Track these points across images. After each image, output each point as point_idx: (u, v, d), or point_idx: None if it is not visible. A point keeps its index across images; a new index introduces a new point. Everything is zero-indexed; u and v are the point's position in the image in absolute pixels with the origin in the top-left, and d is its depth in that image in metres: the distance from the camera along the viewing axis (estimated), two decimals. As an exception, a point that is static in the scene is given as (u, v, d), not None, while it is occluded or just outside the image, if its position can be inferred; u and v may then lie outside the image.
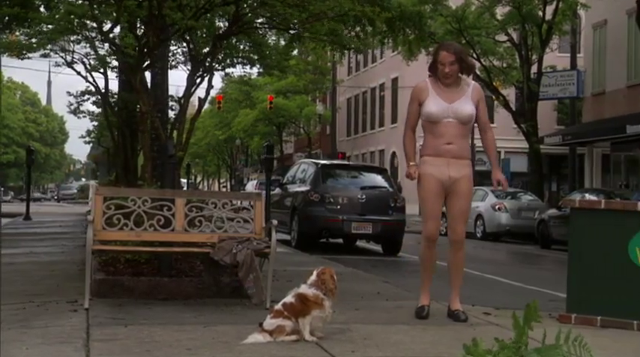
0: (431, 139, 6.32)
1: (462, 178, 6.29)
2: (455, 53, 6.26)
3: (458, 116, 6.21)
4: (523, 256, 18.56)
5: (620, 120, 27.46)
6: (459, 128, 6.24)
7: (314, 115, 49.64)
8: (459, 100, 6.24)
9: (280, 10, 7.66)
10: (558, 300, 9.45)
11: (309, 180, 15.26)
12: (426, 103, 6.29)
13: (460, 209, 6.36)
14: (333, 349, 5.09)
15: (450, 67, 6.20)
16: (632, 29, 27.91)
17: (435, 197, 6.31)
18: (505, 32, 28.31)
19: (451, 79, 6.25)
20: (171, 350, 4.99)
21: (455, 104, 6.23)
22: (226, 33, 8.17)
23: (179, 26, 7.42)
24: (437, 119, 6.23)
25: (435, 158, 6.28)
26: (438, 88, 6.30)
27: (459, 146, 6.26)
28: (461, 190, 6.31)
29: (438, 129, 6.24)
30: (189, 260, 7.99)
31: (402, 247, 15.08)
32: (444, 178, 6.27)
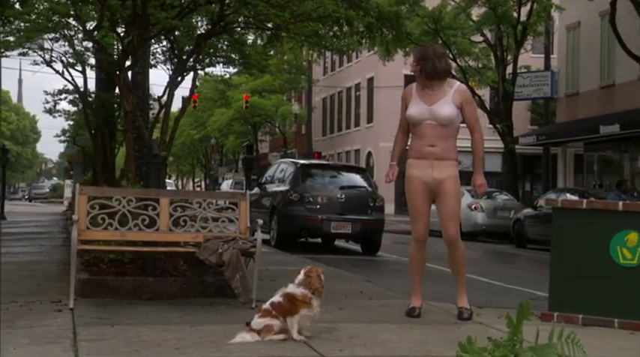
0: (414, 141, 6.43)
1: (446, 178, 6.35)
2: (417, 54, 6.50)
3: (436, 118, 6.29)
4: (499, 255, 18.71)
5: (593, 120, 27.77)
6: (439, 130, 6.31)
7: (290, 115, 49.66)
8: (439, 102, 6.32)
9: (264, 10, 7.68)
10: (537, 298, 9.55)
11: (288, 180, 15.28)
12: (409, 106, 6.42)
13: (448, 209, 6.42)
14: (321, 348, 5.12)
15: (414, 67, 6.43)
16: (605, 31, 28.23)
17: (421, 199, 6.40)
18: (481, 33, 28.51)
19: (419, 79, 6.40)
20: (160, 350, 5.00)
21: (434, 106, 6.31)
22: (210, 32, 8.17)
23: (163, 26, 7.41)
24: (417, 122, 6.34)
25: (418, 160, 6.38)
26: (421, 91, 6.40)
27: (441, 148, 6.32)
28: (447, 190, 6.38)
29: (420, 131, 6.35)
30: (173, 260, 7.99)
31: (380, 246, 15.15)
32: (428, 179, 6.35)
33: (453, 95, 6.37)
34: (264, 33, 10.91)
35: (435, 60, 6.37)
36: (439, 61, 6.40)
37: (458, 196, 6.54)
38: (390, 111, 44.51)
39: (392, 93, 43.81)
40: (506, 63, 28.14)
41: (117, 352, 4.93)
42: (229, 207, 6.99)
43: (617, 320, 6.27)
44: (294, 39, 9.65)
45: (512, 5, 27.30)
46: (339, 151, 51.52)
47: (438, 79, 6.38)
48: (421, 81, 6.40)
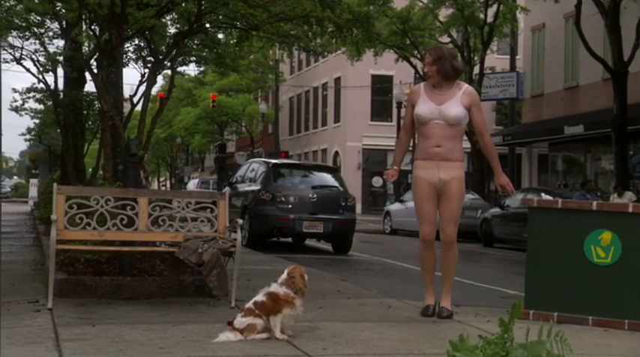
0: (422, 142, 6.47)
1: (452, 180, 6.41)
2: (433, 54, 6.46)
3: (445, 118, 6.34)
4: (468, 254, 18.85)
5: (558, 121, 28.17)
6: (447, 130, 6.35)
7: (257, 114, 49.60)
8: (448, 102, 6.37)
9: (242, 9, 7.69)
10: (509, 297, 9.72)
11: (259, 179, 15.28)
12: (417, 105, 6.45)
13: (450, 211, 6.47)
14: (305, 346, 5.16)
15: (429, 67, 6.39)
16: (569, 33, 28.64)
17: (428, 200, 6.45)
18: (448, 34, 28.76)
19: (432, 79, 6.41)
20: (144, 349, 5.00)
21: (443, 106, 6.36)
22: (187, 32, 8.17)
23: (142, 25, 7.39)
24: (425, 121, 6.37)
25: (425, 161, 6.43)
26: (429, 91, 6.45)
27: (448, 148, 6.37)
28: (451, 192, 6.43)
29: (427, 131, 6.38)
30: (150, 259, 7.97)
31: (351, 245, 15.24)
32: (434, 180, 6.41)
33: (462, 97, 6.41)
34: (234, 32, 10.91)
35: (451, 59, 6.45)
36: (456, 61, 6.51)
37: (461, 198, 6.57)
38: (357, 111, 44.76)
39: (359, 93, 44.06)
40: (473, 64, 28.42)
41: (101, 351, 4.92)
42: (207, 206, 6.99)
43: (592, 318, 6.40)
44: (271, 39, 9.67)
45: (479, 7, 27.59)
46: (306, 150, 51.57)
47: (453, 79, 6.44)
48: (434, 81, 6.42)
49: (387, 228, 26.25)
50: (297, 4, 7.87)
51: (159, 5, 7.62)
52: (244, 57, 15.38)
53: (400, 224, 25.64)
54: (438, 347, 5.30)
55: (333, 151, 47.16)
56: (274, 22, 8.32)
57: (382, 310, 6.89)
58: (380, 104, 45.57)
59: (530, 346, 3.16)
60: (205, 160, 69.13)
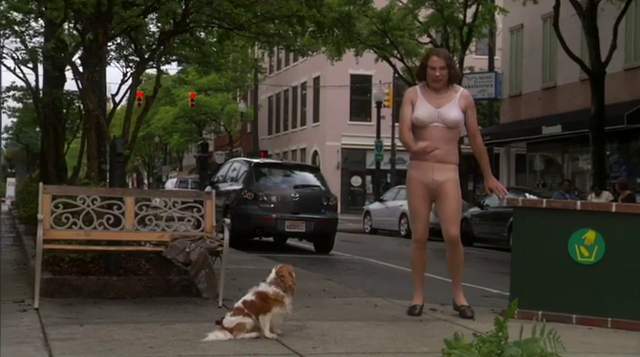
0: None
1: (446, 181, 6.44)
2: (444, 59, 6.47)
3: (444, 121, 6.38)
4: (448, 253, 19.00)
5: (536, 121, 28.40)
6: (445, 132, 6.40)
7: (236, 113, 49.52)
8: (446, 105, 6.42)
9: (227, 9, 7.70)
10: (491, 295, 9.82)
11: (241, 178, 15.28)
12: (415, 107, 6.45)
13: (449, 210, 6.49)
14: (295, 345, 5.18)
15: (441, 71, 6.39)
16: (547, 33, 28.88)
17: (422, 200, 6.48)
18: (427, 34, 28.88)
19: (440, 83, 6.43)
20: (134, 348, 5.00)
21: (442, 109, 6.40)
22: (173, 31, 8.16)
23: (128, 24, 7.38)
24: (424, 124, 6.41)
25: (420, 162, 6.46)
26: (427, 94, 6.48)
27: (444, 151, 6.41)
28: (447, 192, 6.46)
29: (425, 133, 6.40)
30: (135, 259, 7.96)
31: (333, 245, 15.28)
32: (428, 181, 6.44)
33: (459, 99, 6.47)
34: (215, 31, 10.91)
35: (455, 65, 6.57)
36: (455, 66, 6.62)
37: (458, 197, 6.58)
38: (336, 110, 44.81)
39: (338, 92, 44.12)
40: (452, 64, 28.56)
41: (91, 351, 4.92)
42: (195, 206, 7.00)
43: (575, 316, 6.48)
44: (257, 38, 9.67)
45: (458, 7, 27.74)
46: (284, 149, 51.57)
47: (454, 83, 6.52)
48: (441, 85, 6.43)
49: (367, 227, 26.34)
50: (284, 3, 7.90)
51: (145, 4, 7.62)
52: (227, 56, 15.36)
53: (380, 224, 25.74)
54: (426, 346, 5.35)
55: (312, 151, 47.20)
56: (260, 22, 8.33)
57: (369, 309, 6.93)
58: (359, 104, 45.67)
59: (525, 344, 3.21)
60: (184, 159, 68.91)
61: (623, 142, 25.35)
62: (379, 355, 5.05)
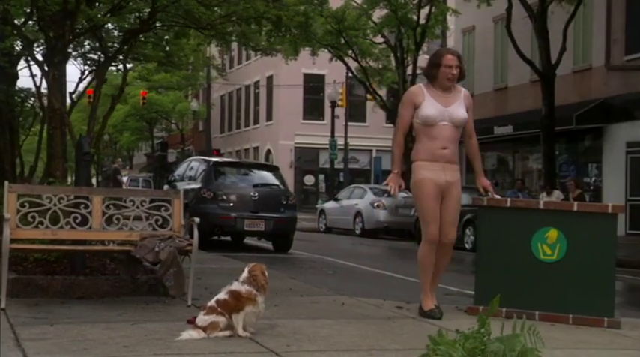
0: (426, 143, 6.42)
1: (455, 182, 6.49)
2: (458, 57, 6.47)
3: (453, 120, 6.38)
4: (406, 252, 19.16)
5: (487, 121, 28.80)
6: (453, 132, 6.43)
7: (188, 111, 49.21)
8: (454, 104, 6.41)
9: (193, 8, 7.70)
10: (453, 294, 9.98)
11: (200, 177, 15.24)
12: (423, 106, 6.38)
13: (453, 213, 6.51)
14: (269, 343, 5.23)
15: (456, 69, 6.38)
16: (498, 35, 29.34)
17: (434, 201, 6.42)
18: (382, 34, 29.11)
19: (453, 81, 6.41)
20: (109, 348, 5.00)
21: (451, 108, 6.38)
22: (139, 30, 8.13)
23: (95, 22, 7.33)
24: (433, 122, 6.37)
25: (431, 163, 6.41)
26: (433, 93, 6.42)
27: (452, 151, 6.44)
28: (454, 194, 6.49)
29: (434, 132, 6.37)
30: (100, 258, 7.92)
31: (292, 244, 15.34)
32: (440, 182, 6.41)
33: (464, 99, 6.48)
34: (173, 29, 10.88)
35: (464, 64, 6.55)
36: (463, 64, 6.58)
37: (461, 201, 6.62)
38: (289, 109, 44.84)
39: (291, 91, 44.16)
40: (406, 64, 28.84)
41: (66, 350, 4.90)
42: (162, 205, 7.00)
43: (538, 312, 6.64)
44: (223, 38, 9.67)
45: (412, 8, 28.00)
46: (237, 148, 51.42)
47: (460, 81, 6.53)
48: (451, 84, 6.43)
49: (321, 226, 26.45)
50: (250, 4, 7.92)
51: (112, 3, 7.58)
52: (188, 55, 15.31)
53: (335, 222, 25.87)
54: (397, 343, 5.45)
55: (265, 150, 47.15)
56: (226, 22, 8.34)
57: (336, 307, 7.01)
58: (312, 103, 45.77)
59: (506, 340, 3.31)
60: (134, 157, 68.21)
61: (571, 143, 25.91)
62: (353, 352, 5.12)
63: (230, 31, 8.94)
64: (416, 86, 6.69)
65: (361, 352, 5.14)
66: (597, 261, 6.57)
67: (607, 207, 6.71)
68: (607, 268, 6.60)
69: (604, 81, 24.61)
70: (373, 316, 6.60)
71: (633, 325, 6.68)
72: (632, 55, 23.52)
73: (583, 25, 24.94)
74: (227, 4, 7.78)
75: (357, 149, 42.41)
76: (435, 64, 6.46)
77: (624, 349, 5.71)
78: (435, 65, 6.45)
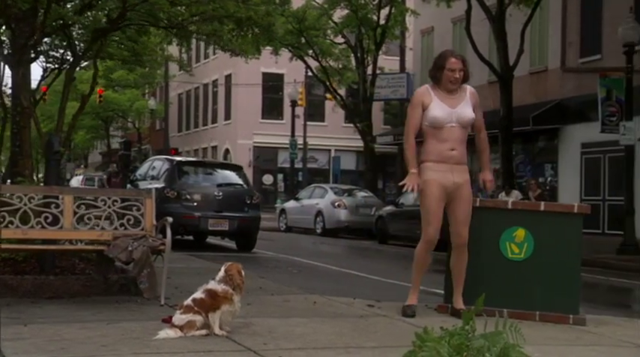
0: (434, 145, 6.46)
1: (464, 183, 6.50)
2: (462, 60, 6.48)
3: (461, 121, 6.41)
4: (368, 251, 19.35)
5: (447, 122, 29.10)
6: (460, 133, 6.47)
7: (145, 110, 48.81)
8: (461, 104, 6.44)
9: (165, 7, 7.69)
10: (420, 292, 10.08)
11: (163, 177, 15.17)
12: (431, 107, 6.40)
13: (464, 214, 6.53)
14: (246, 342, 5.27)
15: (460, 73, 6.39)
16: (457, 36, 29.68)
17: (438, 203, 6.45)
18: (342, 34, 29.25)
19: (457, 84, 6.42)
20: (88, 347, 4.99)
21: (458, 109, 6.41)
22: (109, 29, 8.09)
23: (65, 21, 7.28)
24: (441, 124, 6.42)
25: (438, 164, 6.44)
26: (440, 94, 6.44)
27: (460, 152, 6.47)
28: (464, 195, 6.50)
29: (442, 134, 6.43)
30: (69, 258, 7.87)
31: (255, 243, 15.37)
32: (448, 183, 6.44)
33: (470, 98, 6.52)
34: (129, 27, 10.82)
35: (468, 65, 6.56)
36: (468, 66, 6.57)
37: (472, 201, 6.62)
38: (248, 108, 44.74)
39: (250, 90, 44.08)
40: (365, 64, 29.02)
41: (43, 350, 4.88)
42: (134, 204, 6.99)
43: (507, 310, 6.75)
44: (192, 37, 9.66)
45: (372, 9, 28.20)
46: (195, 147, 51.15)
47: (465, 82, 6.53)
48: (456, 86, 6.44)
49: (282, 225, 26.48)
50: (221, 4, 7.94)
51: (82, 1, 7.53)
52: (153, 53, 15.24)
53: (295, 222, 25.94)
54: (373, 341, 5.52)
55: (224, 149, 46.99)
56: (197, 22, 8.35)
57: (308, 306, 7.07)
58: (271, 102, 45.74)
59: (490, 337, 3.41)
60: (89, 156, 67.45)
61: (527, 143, 26.32)
62: (330, 350, 5.18)
63: (200, 31, 8.95)
64: (423, 87, 6.67)
65: (338, 349, 5.21)
66: (563, 260, 6.73)
67: (573, 207, 6.87)
68: (573, 266, 6.77)
69: (560, 83, 25.08)
70: (346, 314, 6.67)
71: (597, 322, 6.86)
72: (587, 58, 24.02)
73: (539, 27, 25.38)
74: (198, 4, 7.79)
75: (316, 149, 42.50)
76: (439, 67, 6.48)
77: (592, 344, 5.86)
78: (440, 68, 6.47)
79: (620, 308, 10.03)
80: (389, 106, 41.18)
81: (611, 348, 5.77)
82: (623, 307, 10.51)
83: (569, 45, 24.86)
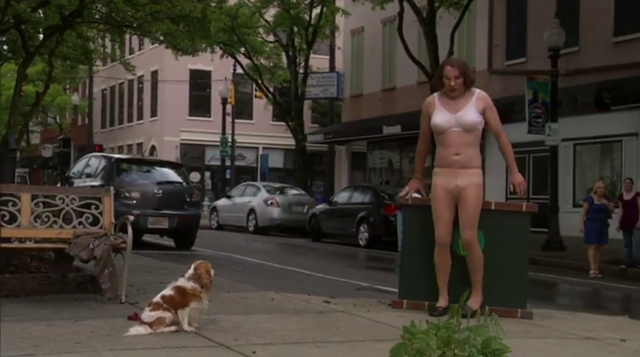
0: (441, 151, 6.71)
1: (468, 186, 6.65)
2: (459, 68, 6.62)
3: (461, 124, 6.60)
4: (304, 249, 19.51)
5: (376, 121, 29.58)
6: (464, 137, 6.63)
7: (67, 105, 47.83)
8: (463, 109, 6.62)
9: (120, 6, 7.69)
10: (364, 288, 10.34)
11: (100, 174, 15.00)
12: (433, 115, 6.67)
13: (466, 216, 6.69)
14: (216, 338, 5.37)
15: (455, 80, 6.56)
16: (387, 37, 30.16)
17: (444, 206, 6.68)
18: (274, 33, 29.35)
19: (456, 92, 6.60)
20: (61, 344, 5.01)
21: (459, 113, 6.61)
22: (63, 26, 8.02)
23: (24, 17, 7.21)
24: (442, 129, 6.64)
25: (443, 169, 6.71)
26: (443, 101, 6.67)
27: (466, 156, 6.64)
28: (466, 198, 6.66)
29: (446, 139, 6.65)
30: (20, 257, 7.81)
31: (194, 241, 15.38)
32: (451, 187, 6.66)
33: (475, 102, 6.65)
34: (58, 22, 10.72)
35: (470, 72, 6.75)
36: (470, 72, 6.74)
37: (477, 203, 6.74)
38: (175, 105, 44.34)
39: (177, 87, 43.70)
40: (297, 63, 29.20)
41: (18, 347, 4.87)
42: (92, 203, 7.00)
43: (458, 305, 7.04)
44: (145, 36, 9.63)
45: (304, 8, 28.38)
46: (120, 144, 50.42)
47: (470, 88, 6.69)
48: (457, 94, 6.62)
49: (213, 223, 26.44)
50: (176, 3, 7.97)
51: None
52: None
53: (227, 220, 25.95)
54: (338, 336, 5.69)
55: (150, 146, 46.44)
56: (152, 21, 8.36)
57: (267, 303, 7.19)
58: (198, 99, 45.46)
59: (475, 329, 3.63)
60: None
61: (456, 143, 26.89)
62: (301, 345, 5.32)
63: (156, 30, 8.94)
64: (430, 96, 6.95)
65: (308, 344, 5.35)
66: (512, 256, 7.03)
67: (522, 206, 7.19)
68: (521, 263, 7.08)
69: (487, 84, 25.71)
70: (305, 310, 6.82)
71: (543, 316, 7.18)
72: (513, 61, 24.76)
73: (467, 30, 26.00)
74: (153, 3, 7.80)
75: (244, 146, 42.45)
76: (439, 76, 6.79)
77: (542, 337, 6.17)
78: (439, 76, 6.77)
79: (551, 302, 10.51)
80: (317, 104, 41.46)
81: (561, 340, 6.07)
82: (551, 301, 11.01)
83: (496, 48, 25.57)
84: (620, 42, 20.99)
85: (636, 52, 20.47)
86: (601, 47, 21.42)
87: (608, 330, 6.54)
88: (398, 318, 6.53)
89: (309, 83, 30.18)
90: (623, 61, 20.66)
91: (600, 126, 21.04)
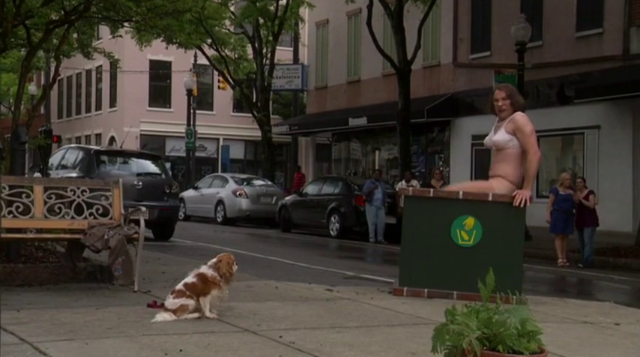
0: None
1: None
2: (506, 90, 7.45)
3: (494, 144, 7.42)
4: (276, 239, 19.71)
5: (342, 113, 29.88)
6: (496, 155, 7.45)
7: (25, 95, 47.13)
8: (499, 130, 7.36)
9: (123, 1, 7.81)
10: (352, 277, 10.62)
11: (79, 166, 15.01)
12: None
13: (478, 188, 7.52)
14: (240, 324, 5.59)
15: (503, 101, 7.32)
16: (352, 30, 30.45)
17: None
18: (240, 25, 29.40)
19: (504, 113, 7.33)
20: (94, 330, 5.18)
21: (494, 134, 7.39)
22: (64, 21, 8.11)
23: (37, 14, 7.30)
24: (488, 147, 7.64)
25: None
26: (495, 123, 7.48)
27: (494, 169, 7.48)
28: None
29: (492, 156, 7.59)
30: (27, 247, 7.93)
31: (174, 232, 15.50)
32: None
33: (507, 124, 7.31)
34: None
35: (519, 95, 7.50)
36: (521, 96, 7.54)
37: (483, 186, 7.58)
38: (135, 96, 44.06)
39: (137, 77, 43.41)
40: (263, 55, 29.30)
41: (54, 333, 5.02)
42: (102, 194, 7.16)
43: (456, 292, 7.35)
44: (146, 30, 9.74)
45: (271, 0, 28.50)
46: (77, 134, 49.91)
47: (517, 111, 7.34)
48: (507, 114, 7.31)
49: (180, 214, 26.45)
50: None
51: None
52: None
53: (194, 211, 26.02)
54: (352, 321, 5.95)
55: (109, 136, 46.08)
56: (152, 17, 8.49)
57: (272, 291, 7.42)
58: (158, 90, 45.21)
59: (514, 311, 3.92)
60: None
61: (421, 134, 27.36)
62: (321, 330, 5.55)
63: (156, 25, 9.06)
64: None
65: (327, 329, 5.60)
66: (508, 245, 7.38)
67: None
68: (516, 251, 7.44)
69: (452, 77, 26.22)
70: (312, 298, 7.07)
71: (536, 302, 7.53)
72: (477, 54, 25.23)
73: (433, 24, 26.40)
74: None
75: (205, 138, 42.38)
76: (490, 101, 7.55)
77: (543, 322, 6.37)
78: (491, 101, 7.54)
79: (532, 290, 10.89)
80: (279, 96, 41.57)
81: (560, 324, 6.42)
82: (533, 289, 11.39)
83: (461, 41, 26.02)
84: (582, 37, 21.56)
85: (598, 46, 21.08)
86: (564, 42, 21.98)
87: (600, 315, 6.92)
88: (402, 305, 6.84)
89: (274, 75, 30.33)
90: (585, 56, 21.26)
91: (563, 119, 21.61)
